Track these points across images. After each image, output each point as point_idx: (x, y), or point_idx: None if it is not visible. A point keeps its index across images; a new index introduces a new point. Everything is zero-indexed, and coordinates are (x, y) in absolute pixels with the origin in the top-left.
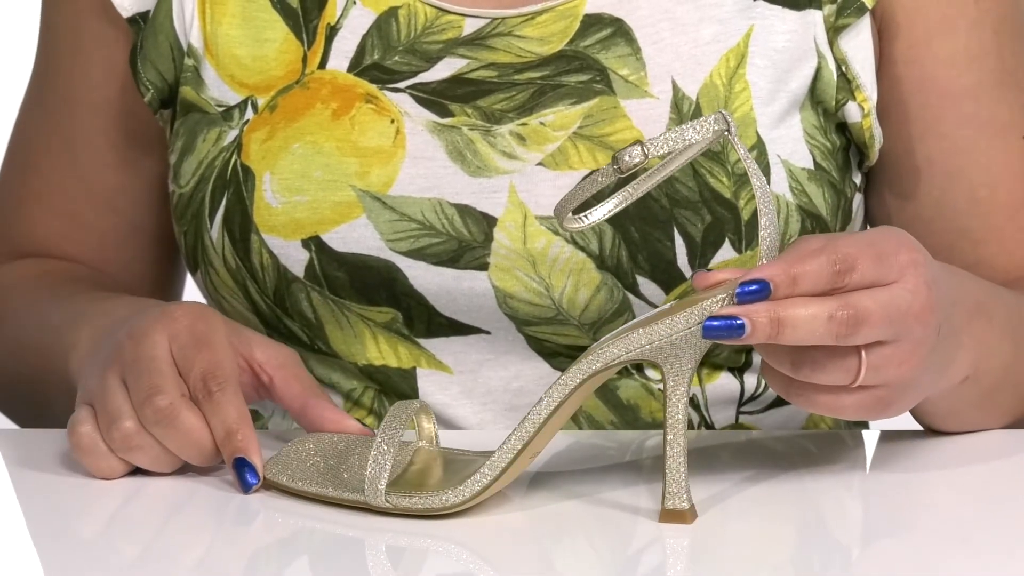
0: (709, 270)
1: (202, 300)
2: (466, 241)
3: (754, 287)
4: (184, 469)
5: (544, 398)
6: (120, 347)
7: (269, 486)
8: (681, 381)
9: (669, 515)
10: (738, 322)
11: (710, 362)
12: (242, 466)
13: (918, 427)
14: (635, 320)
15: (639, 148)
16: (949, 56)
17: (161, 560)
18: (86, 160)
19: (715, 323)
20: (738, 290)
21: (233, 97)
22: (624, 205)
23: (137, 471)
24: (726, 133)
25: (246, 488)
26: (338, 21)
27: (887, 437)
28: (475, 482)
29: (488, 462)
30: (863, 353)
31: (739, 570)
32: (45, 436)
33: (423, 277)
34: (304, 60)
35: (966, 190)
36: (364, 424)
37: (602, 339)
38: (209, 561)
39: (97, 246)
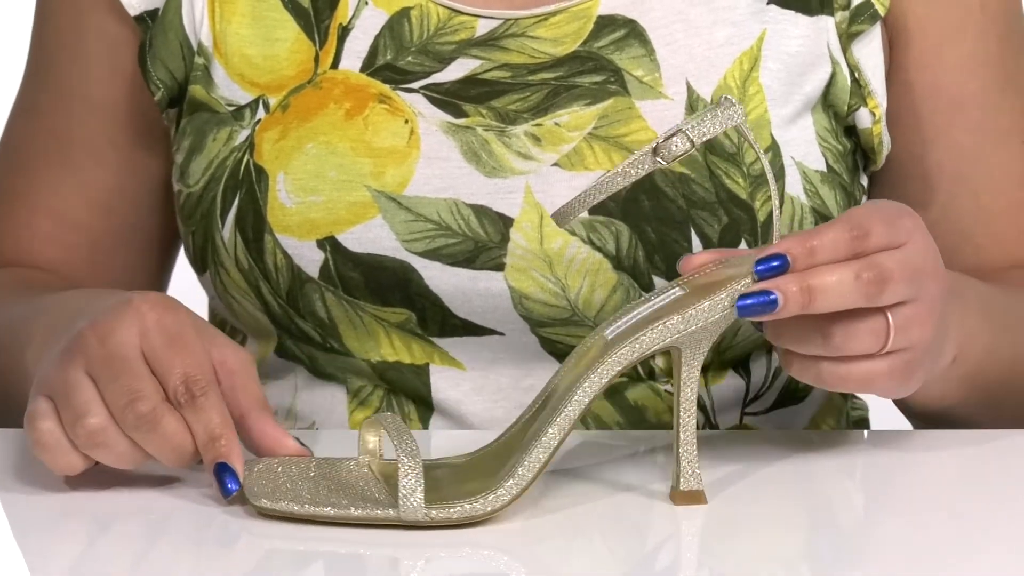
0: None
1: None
2: (482, 242)
3: (774, 262)
4: (165, 481)
5: (577, 390)
6: (83, 340)
7: (266, 515)
8: (697, 364)
9: (685, 497)
10: (771, 297)
11: (717, 360)
12: (223, 471)
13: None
14: (636, 308)
15: (686, 137)
16: (958, 63)
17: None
18: (84, 160)
19: (748, 301)
20: (758, 267)
21: (243, 96)
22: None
23: (107, 472)
24: (739, 124)
25: (227, 493)
26: (350, 21)
27: (886, 437)
28: (515, 484)
29: (525, 461)
30: (889, 315)
31: (752, 562)
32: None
33: (439, 278)
34: (316, 60)
35: (971, 195)
36: (302, 444)
37: (616, 328)
38: None
39: (88, 249)
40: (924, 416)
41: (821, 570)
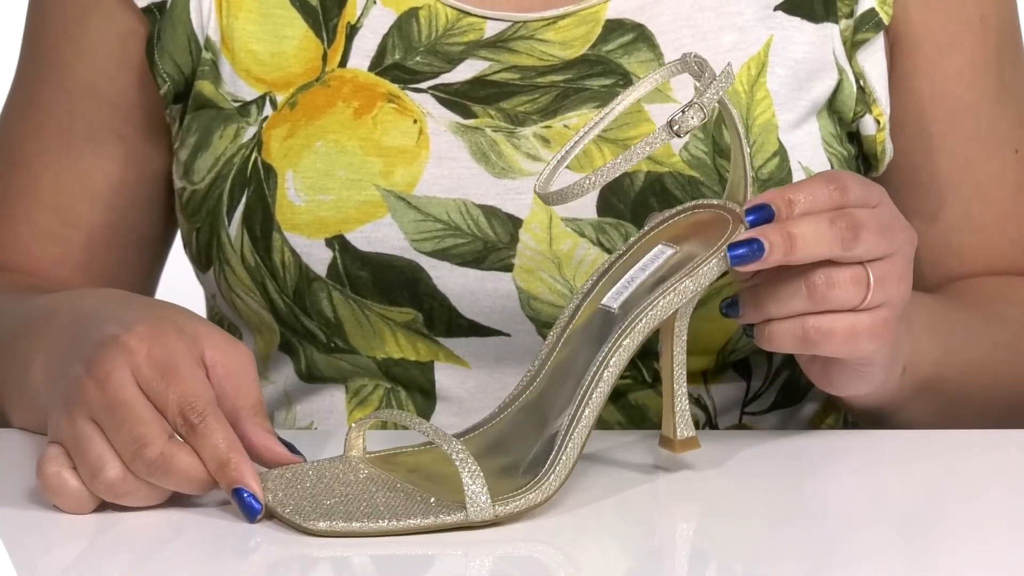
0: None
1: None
2: (491, 242)
3: (764, 211)
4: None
5: (604, 368)
6: (82, 387)
7: (326, 536)
8: (688, 315)
9: (685, 444)
10: (757, 244)
11: (719, 362)
12: (241, 495)
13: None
14: (625, 272)
15: (697, 109)
16: (956, 73)
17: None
18: (88, 153)
19: (740, 251)
20: (749, 217)
21: (249, 92)
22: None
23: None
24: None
25: (252, 516)
26: (358, 20)
27: (885, 436)
28: (563, 467)
29: (569, 443)
30: (868, 268)
31: (751, 561)
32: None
33: (447, 278)
34: (324, 58)
35: (960, 206)
36: (295, 450)
37: (618, 297)
38: None
39: (84, 245)
40: (871, 419)
41: (820, 569)
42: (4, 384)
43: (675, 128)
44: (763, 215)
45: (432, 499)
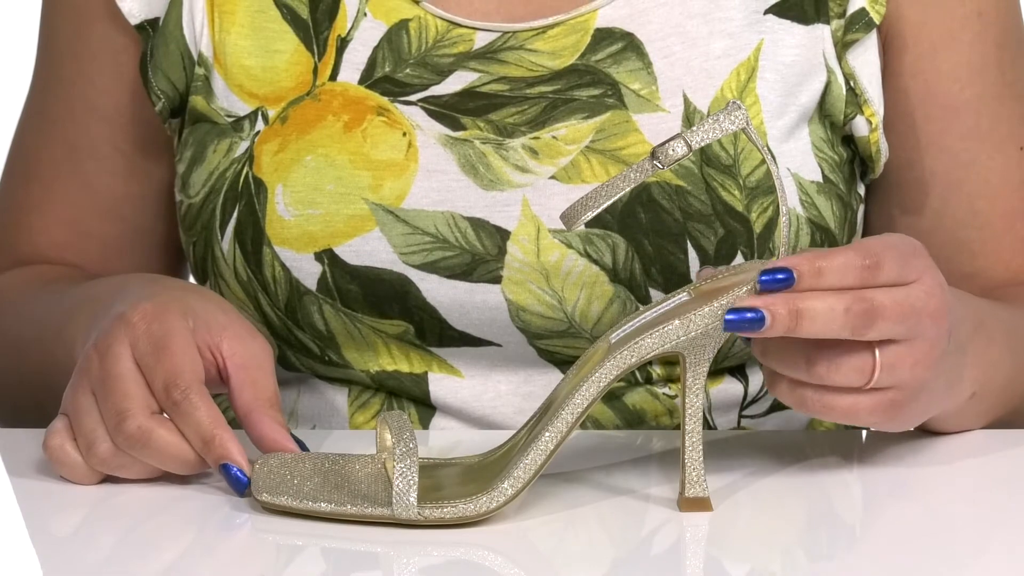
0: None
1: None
2: (479, 254)
3: (779, 275)
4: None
5: (576, 396)
6: (88, 360)
7: (268, 510)
8: (702, 371)
9: (690, 504)
10: (758, 315)
11: (714, 367)
12: (228, 469)
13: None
14: (643, 314)
15: (681, 141)
16: (952, 69)
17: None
18: (92, 168)
19: (732, 316)
20: (762, 278)
21: (243, 108)
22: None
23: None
24: (745, 127)
25: (240, 489)
26: (349, 33)
27: (885, 437)
28: (510, 486)
29: (522, 463)
30: (877, 352)
31: (751, 561)
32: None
33: (436, 290)
34: (315, 71)
35: (965, 202)
36: (304, 447)
37: (620, 332)
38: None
39: (100, 255)
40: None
41: (820, 569)
42: (54, 373)
43: (658, 158)
44: (775, 280)
45: (381, 493)
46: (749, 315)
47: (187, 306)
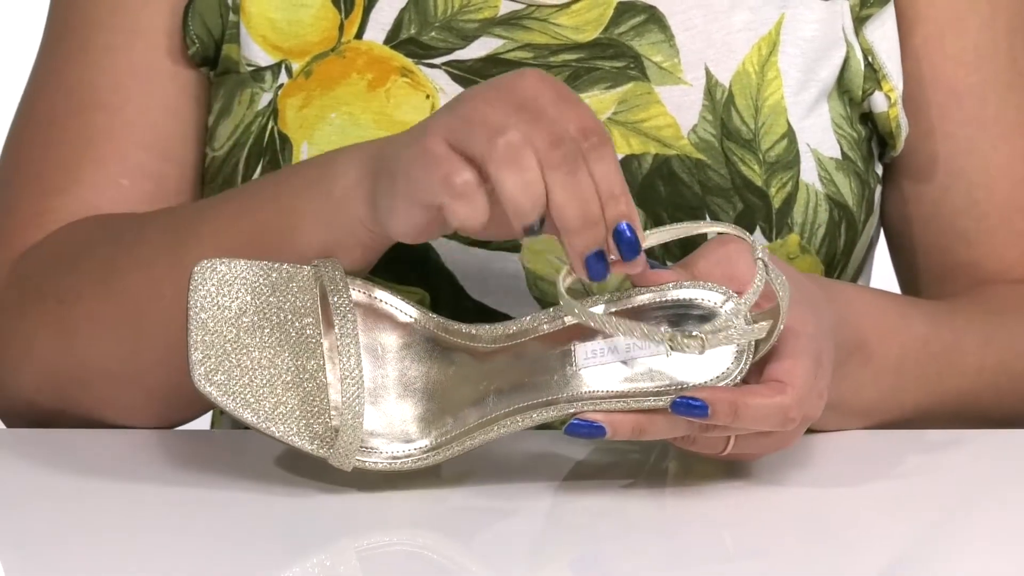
0: (666, 265)
1: None
2: None
3: (696, 404)
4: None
5: (494, 428)
6: (488, 92)
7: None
8: None
9: None
10: (596, 425)
11: None
12: (623, 231)
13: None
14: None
15: (699, 342)
16: (959, 53)
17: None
18: (170, 86)
19: (579, 423)
20: (676, 400)
21: (264, 58)
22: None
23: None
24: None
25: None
26: None
27: (885, 436)
28: (441, 455)
29: (467, 442)
30: (732, 438)
31: (751, 561)
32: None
33: (455, 256)
34: (340, 28)
35: (964, 191)
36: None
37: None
38: None
39: (177, 181)
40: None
41: (819, 570)
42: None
43: (671, 347)
44: (689, 408)
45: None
46: (594, 428)
47: None
